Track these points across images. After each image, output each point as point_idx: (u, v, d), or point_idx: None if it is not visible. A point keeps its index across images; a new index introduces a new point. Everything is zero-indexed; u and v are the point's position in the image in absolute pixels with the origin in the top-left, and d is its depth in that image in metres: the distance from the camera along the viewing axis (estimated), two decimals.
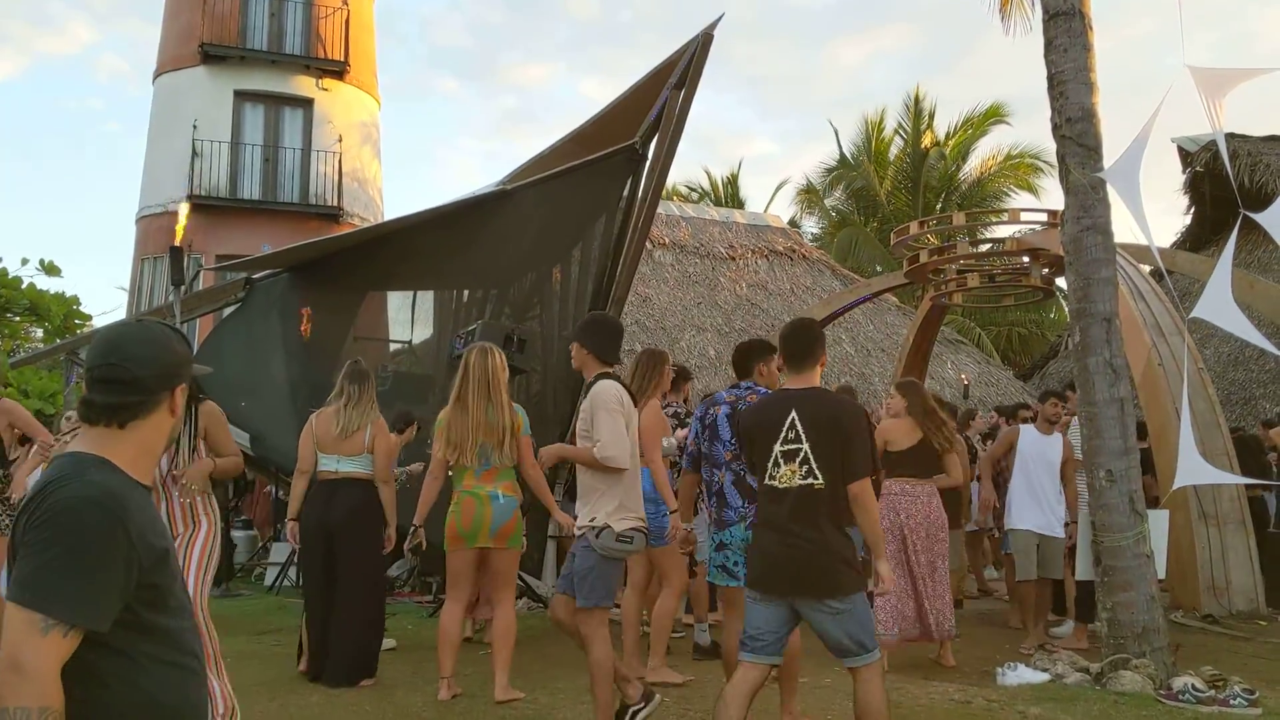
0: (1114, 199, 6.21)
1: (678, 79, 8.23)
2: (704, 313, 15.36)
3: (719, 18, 8.42)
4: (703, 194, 28.55)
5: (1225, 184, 12.94)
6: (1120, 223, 6.30)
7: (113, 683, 1.80)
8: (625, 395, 4.46)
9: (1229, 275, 6.19)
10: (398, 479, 7.49)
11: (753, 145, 62.72)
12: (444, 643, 5.32)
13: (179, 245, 6.80)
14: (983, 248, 11.89)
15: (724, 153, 74.40)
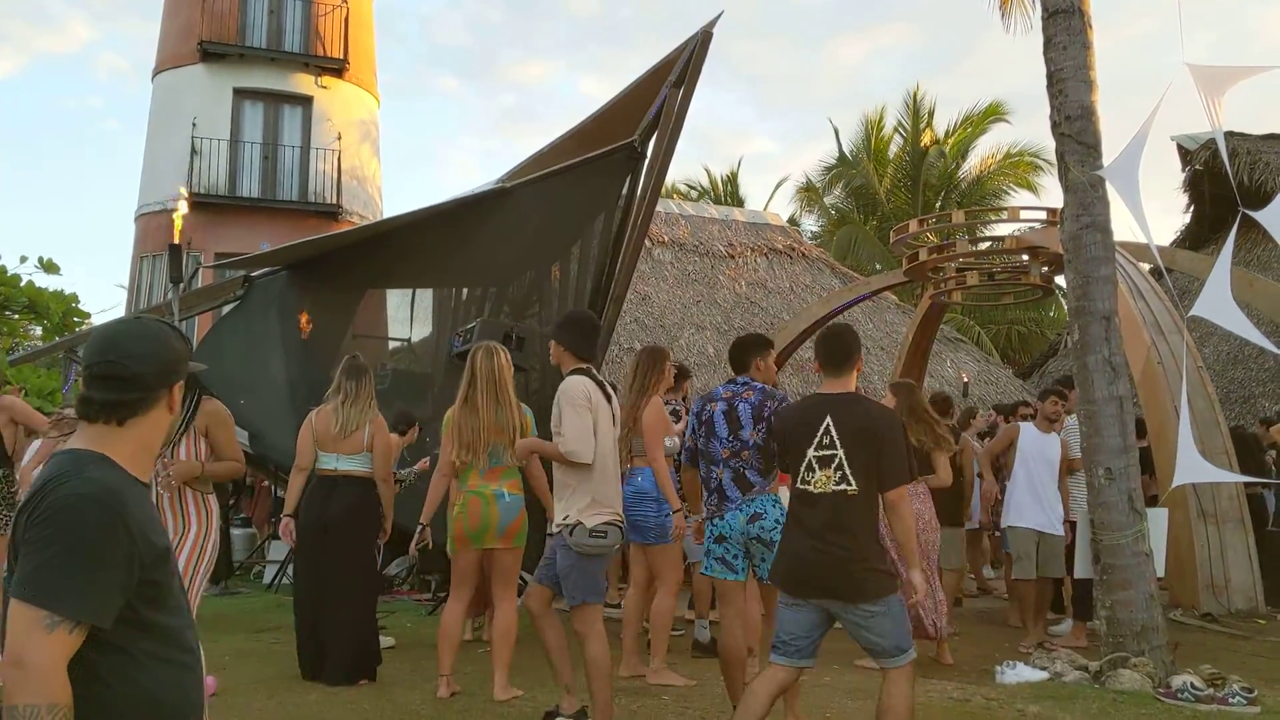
0: (1113, 197, 6.22)
1: (677, 77, 8.22)
2: (703, 311, 15.35)
3: (718, 15, 8.42)
4: (702, 192, 28.54)
5: (1225, 182, 12.94)
6: (1119, 221, 6.31)
7: (113, 681, 1.80)
8: (595, 391, 4.42)
9: (1228, 273, 6.20)
10: (405, 479, 7.49)
11: (752, 143, 62.80)
12: (444, 640, 5.31)
13: (177, 243, 6.77)
14: (982, 246, 11.85)
15: (723, 151, 74.61)
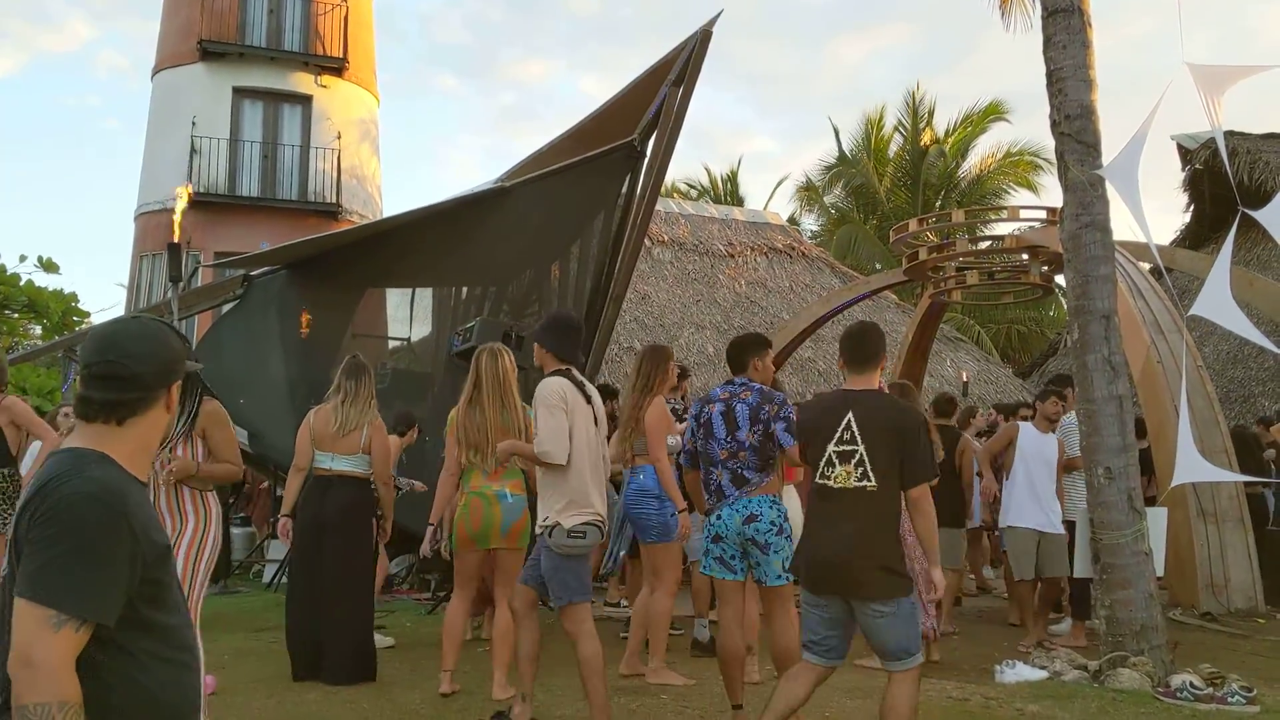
0: (1113, 196, 6.21)
1: (676, 76, 8.23)
2: (703, 310, 15.34)
3: (718, 14, 8.43)
4: (702, 191, 28.54)
5: (1224, 181, 12.94)
6: (1119, 220, 6.31)
7: (114, 680, 1.80)
8: (572, 392, 4.41)
9: (1228, 273, 6.19)
10: (402, 488, 7.47)
11: (752, 142, 62.79)
12: (448, 637, 5.33)
13: (177, 242, 6.77)
14: (982, 245, 11.85)
15: (723, 150, 74.64)
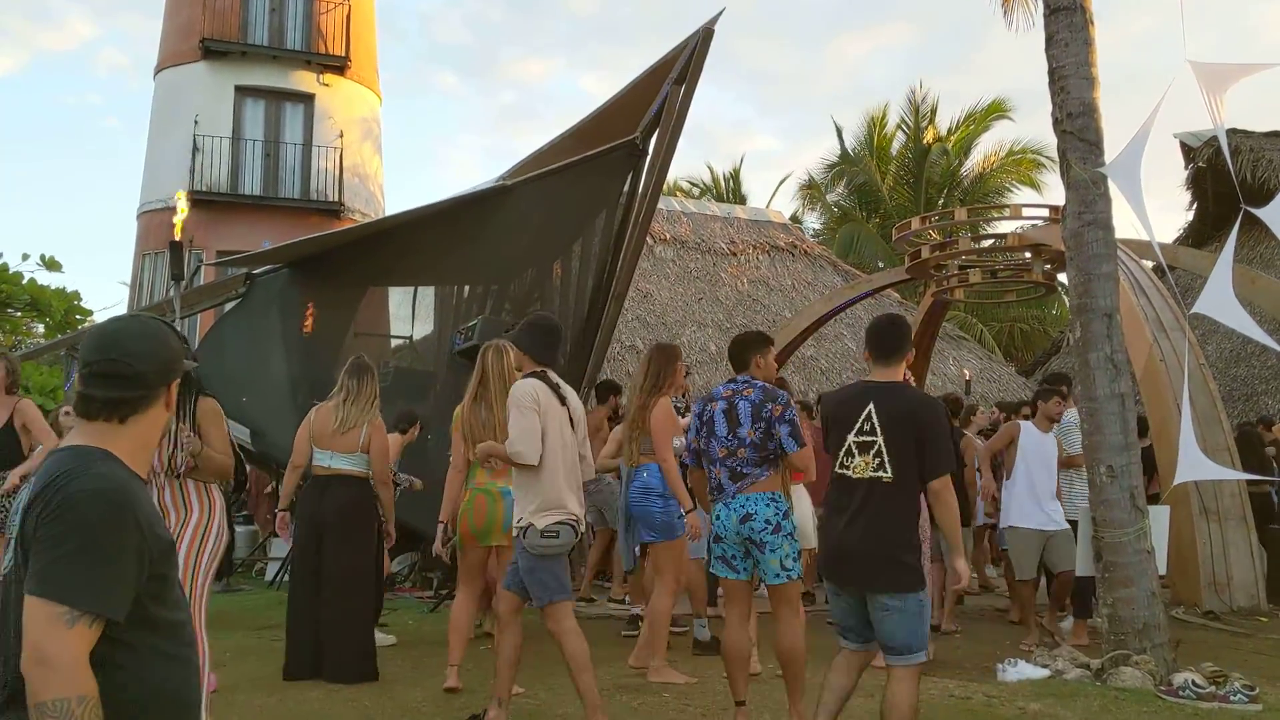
0: (1115, 194, 6.20)
1: (678, 74, 8.22)
2: (705, 308, 15.34)
3: (719, 13, 8.42)
4: (704, 189, 28.54)
5: (1227, 179, 12.92)
6: (1122, 218, 6.33)
7: (120, 676, 1.80)
8: (545, 394, 4.42)
9: (1230, 271, 6.20)
10: (401, 484, 7.47)
11: (754, 141, 62.64)
12: (454, 632, 5.35)
13: (178, 240, 6.76)
14: (985, 243, 11.86)
15: (726, 148, 74.53)
